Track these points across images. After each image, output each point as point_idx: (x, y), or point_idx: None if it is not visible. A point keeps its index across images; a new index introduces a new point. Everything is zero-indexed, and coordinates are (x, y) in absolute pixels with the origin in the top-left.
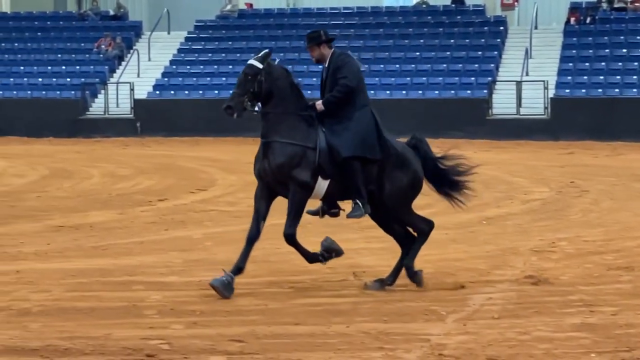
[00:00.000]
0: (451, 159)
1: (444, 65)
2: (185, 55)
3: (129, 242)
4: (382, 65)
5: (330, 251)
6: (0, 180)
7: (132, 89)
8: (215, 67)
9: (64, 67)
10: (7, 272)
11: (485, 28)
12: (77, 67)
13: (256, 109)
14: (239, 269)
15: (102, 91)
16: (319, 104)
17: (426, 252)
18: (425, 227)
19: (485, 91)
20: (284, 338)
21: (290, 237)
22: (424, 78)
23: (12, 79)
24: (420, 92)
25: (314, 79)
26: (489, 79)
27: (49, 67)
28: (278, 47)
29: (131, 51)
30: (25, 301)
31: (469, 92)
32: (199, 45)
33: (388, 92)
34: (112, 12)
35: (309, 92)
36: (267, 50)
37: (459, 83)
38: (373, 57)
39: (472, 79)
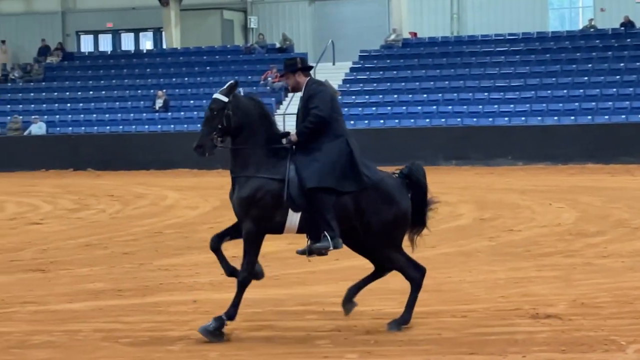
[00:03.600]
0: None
1: (614, 89)
2: (350, 85)
3: (301, 272)
4: (549, 91)
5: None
6: (174, 212)
7: None
8: (381, 96)
9: None
10: (184, 302)
11: None
12: None
13: (223, 145)
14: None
15: None
16: (294, 135)
17: (602, 281)
18: (416, 274)
19: None
20: None
21: (245, 283)
22: (593, 103)
23: (182, 113)
24: (589, 117)
25: (480, 106)
26: None
27: None
28: (442, 75)
29: None
30: None
31: None
32: (363, 75)
33: (556, 118)
34: (278, 45)
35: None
36: (231, 82)
37: (630, 107)
38: (540, 82)
39: None
